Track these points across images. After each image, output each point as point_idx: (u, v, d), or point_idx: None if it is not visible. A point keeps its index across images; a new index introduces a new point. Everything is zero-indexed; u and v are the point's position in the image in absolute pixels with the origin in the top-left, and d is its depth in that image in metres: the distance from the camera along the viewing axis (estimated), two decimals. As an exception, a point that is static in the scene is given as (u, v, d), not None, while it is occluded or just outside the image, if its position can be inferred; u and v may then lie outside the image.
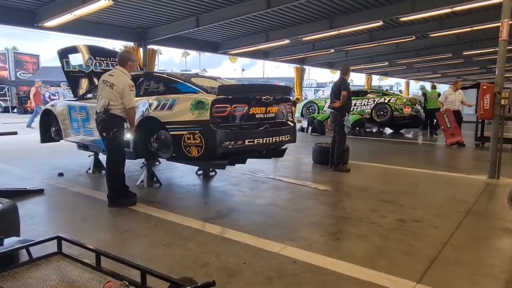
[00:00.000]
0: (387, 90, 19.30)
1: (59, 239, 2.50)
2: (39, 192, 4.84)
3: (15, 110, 24.96)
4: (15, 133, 2.35)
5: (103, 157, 6.18)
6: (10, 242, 2.41)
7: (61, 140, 6.52)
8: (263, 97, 4.58)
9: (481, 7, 9.35)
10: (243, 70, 65.48)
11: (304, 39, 12.91)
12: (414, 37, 12.52)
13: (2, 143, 4.21)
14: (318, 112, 14.09)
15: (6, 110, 24.58)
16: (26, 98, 25.42)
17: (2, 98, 25.61)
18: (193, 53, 69.87)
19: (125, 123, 4.30)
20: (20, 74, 28.43)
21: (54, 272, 2.28)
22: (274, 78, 48.93)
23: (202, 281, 1.87)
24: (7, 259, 2.28)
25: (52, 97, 18.98)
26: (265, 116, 4.69)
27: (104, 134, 4.15)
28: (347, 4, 9.30)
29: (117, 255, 2.30)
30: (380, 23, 10.23)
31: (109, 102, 4.09)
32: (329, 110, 6.72)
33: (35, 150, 7.92)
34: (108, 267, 2.32)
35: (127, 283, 1.95)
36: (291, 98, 6.20)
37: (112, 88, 4.09)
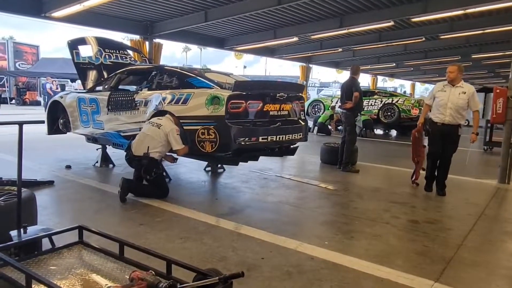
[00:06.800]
0: (393, 91, 19.26)
1: (81, 229, 2.52)
2: (49, 183, 4.85)
3: (13, 101, 24.78)
4: (43, 121, 2.36)
5: (110, 151, 6.22)
6: (33, 230, 2.42)
7: (68, 133, 6.51)
8: (278, 94, 4.57)
9: (493, 10, 9.31)
10: (245, 67, 65.11)
11: (312, 37, 12.88)
12: (424, 38, 12.48)
13: (4, 134, 4.18)
14: (324, 111, 14.07)
15: (4, 101, 24.29)
16: (24, 89, 25.30)
17: (0, 88, 25.40)
18: (194, 49, 69.61)
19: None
20: (19, 65, 28.01)
21: (77, 260, 2.29)
22: (277, 77, 48.73)
23: (229, 272, 1.88)
24: (31, 247, 2.29)
25: (52, 89, 18.88)
26: (279, 113, 4.67)
27: (148, 177, 4.34)
28: (358, 3, 9.27)
29: (140, 246, 2.31)
30: (391, 23, 10.20)
31: (148, 147, 4.29)
32: (341, 110, 6.70)
33: (38, 142, 7.86)
34: (129, 257, 2.33)
35: (153, 272, 1.95)
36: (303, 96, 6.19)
37: (159, 128, 4.34)
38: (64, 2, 8.71)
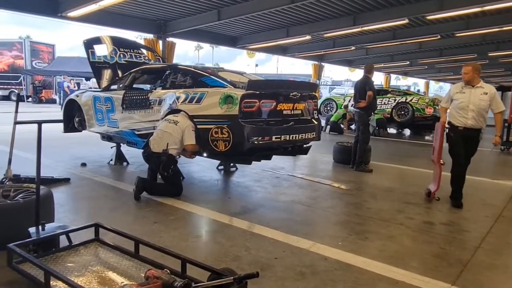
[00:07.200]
0: (407, 89, 19.02)
1: (97, 227, 2.56)
2: (66, 181, 4.93)
3: (30, 99, 25.27)
4: (62, 121, 2.41)
5: (125, 149, 6.29)
6: (51, 227, 2.47)
7: (83, 131, 6.61)
8: (291, 94, 4.55)
9: (511, 7, 9.09)
10: (256, 65, 64.84)
11: (325, 35, 12.81)
12: (439, 36, 12.29)
13: (21, 132, 4.29)
14: (336, 110, 13.98)
15: (21, 99, 24.75)
16: (40, 87, 25.82)
17: (17, 87, 25.93)
18: (206, 47, 70.02)
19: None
20: (35, 64, 28.50)
21: (93, 258, 2.33)
22: (289, 75, 48.45)
23: (244, 272, 1.88)
24: (49, 244, 2.34)
25: (69, 87, 19.23)
26: (292, 112, 4.66)
27: (166, 174, 4.38)
28: (372, 1, 9.17)
29: (156, 244, 2.34)
30: (406, 21, 10.07)
31: (167, 144, 4.33)
32: (354, 109, 6.65)
33: (53, 140, 7.97)
34: (144, 255, 2.35)
35: (168, 271, 1.97)
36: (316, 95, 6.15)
37: (176, 125, 4.38)
38: (79, 2, 8.85)
